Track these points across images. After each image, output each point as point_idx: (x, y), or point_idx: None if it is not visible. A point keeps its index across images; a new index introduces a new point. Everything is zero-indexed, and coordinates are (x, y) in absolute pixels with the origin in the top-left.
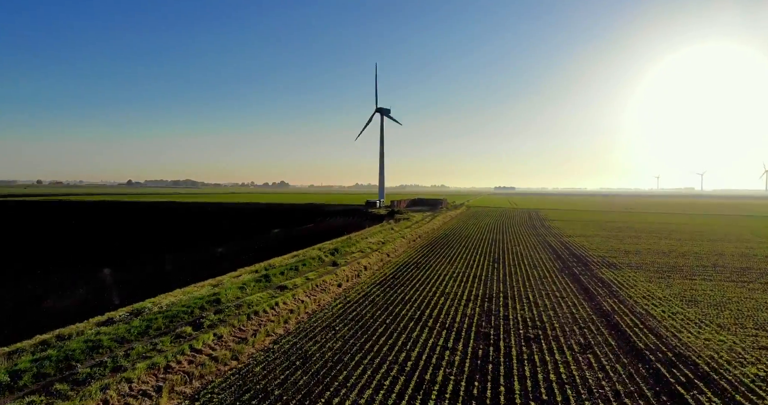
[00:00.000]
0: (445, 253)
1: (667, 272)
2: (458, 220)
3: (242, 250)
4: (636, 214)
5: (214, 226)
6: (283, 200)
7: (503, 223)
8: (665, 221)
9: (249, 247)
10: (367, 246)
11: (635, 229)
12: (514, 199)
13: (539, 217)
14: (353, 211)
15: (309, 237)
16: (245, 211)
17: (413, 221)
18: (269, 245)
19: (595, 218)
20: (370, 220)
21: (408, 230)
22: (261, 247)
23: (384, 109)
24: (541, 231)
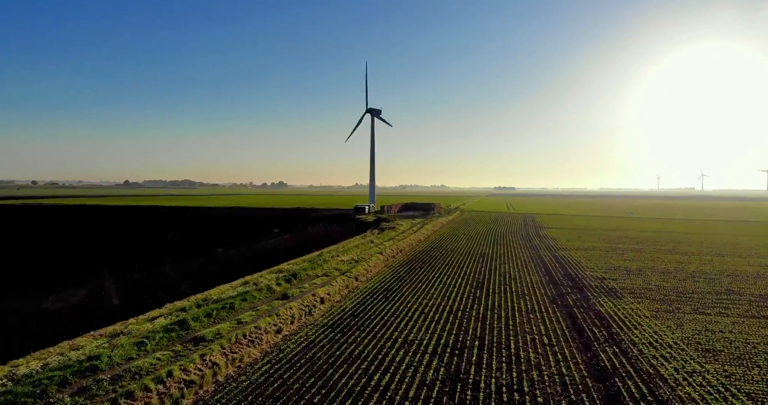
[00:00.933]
0: (424, 275)
1: (676, 302)
2: (449, 228)
3: (188, 274)
4: (637, 219)
5: (173, 236)
6: (273, 204)
7: (496, 233)
8: (668, 229)
9: (198, 269)
10: (335, 266)
11: (636, 240)
12: (513, 201)
13: (535, 225)
14: (340, 217)
15: (276, 253)
16: (219, 217)
17: (399, 231)
18: (225, 264)
19: (594, 225)
20: (355, 228)
21: (390, 243)
22: (212, 270)
23: (375, 110)
24: (535, 242)
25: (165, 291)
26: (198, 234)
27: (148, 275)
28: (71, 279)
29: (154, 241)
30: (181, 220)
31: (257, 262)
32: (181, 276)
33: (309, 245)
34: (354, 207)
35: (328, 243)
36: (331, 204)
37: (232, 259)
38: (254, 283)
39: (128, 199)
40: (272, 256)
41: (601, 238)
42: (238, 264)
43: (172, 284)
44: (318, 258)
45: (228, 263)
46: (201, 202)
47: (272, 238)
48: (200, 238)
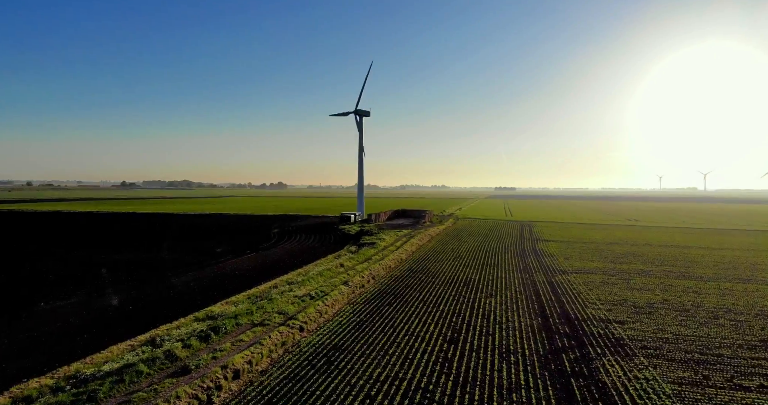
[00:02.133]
0: (389, 318)
1: (703, 364)
2: (437, 241)
3: (79, 326)
4: (641, 228)
5: (118, 257)
6: (257, 210)
7: (488, 249)
8: (676, 241)
9: (103, 312)
10: (282, 308)
11: (643, 258)
12: (512, 204)
13: (532, 237)
14: (322, 227)
15: (227, 281)
16: (189, 227)
17: (379, 247)
18: (152, 304)
19: (595, 237)
20: (334, 242)
21: (364, 266)
22: (124, 312)
23: (362, 112)
24: (530, 261)
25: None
26: (152, 251)
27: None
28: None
29: (96, 260)
30: (143, 229)
31: (200, 294)
32: (68, 327)
33: (272, 268)
34: (339, 215)
35: (295, 265)
36: (322, 209)
37: (166, 294)
38: (158, 342)
39: (111, 203)
40: (219, 287)
41: (603, 255)
42: (172, 300)
43: (49, 341)
44: (267, 293)
45: (159, 300)
46: (182, 206)
47: (233, 258)
48: (151, 260)
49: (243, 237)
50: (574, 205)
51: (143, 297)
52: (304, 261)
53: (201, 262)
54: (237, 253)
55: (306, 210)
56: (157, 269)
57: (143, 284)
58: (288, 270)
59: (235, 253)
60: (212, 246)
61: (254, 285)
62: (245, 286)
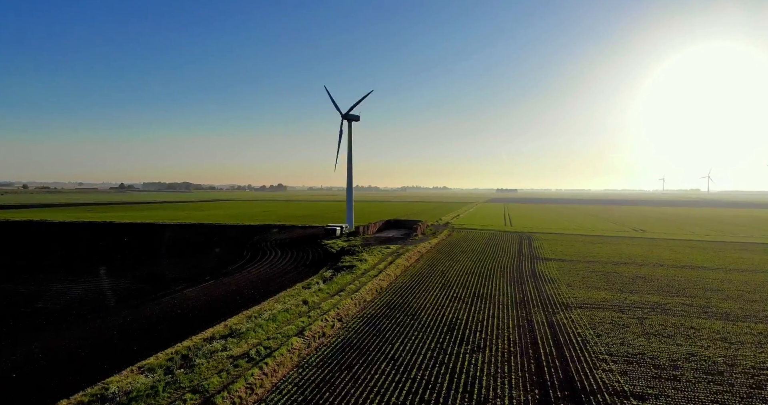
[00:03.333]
0: (340, 394)
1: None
2: (426, 261)
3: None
4: (649, 242)
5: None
6: (240, 219)
7: (482, 271)
8: (690, 260)
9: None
10: (201, 381)
11: (656, 284)
12: (512, 209)
13: (532, 254)
14: (304, 241)
15: (152, 327)
16: (156, 241)
17: (359, 271)
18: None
19: (600, 254)
20: (310, 264)
21: (332, 302)
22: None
23: (352, 116)
24: (528, 290)
25: None
26: (95, 277)
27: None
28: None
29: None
30: (105, 245)
31: (107, 355)
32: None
33: (223, 305)
34: (324, 228)
35: (253, 299)
36: (313, 217)
37: (62, 356)
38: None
39: (96, 209)
40: (143, 339)
41: (611, 280)
42: (61, 365)
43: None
44: (195, 351)
45: (37, 370)
46: (168, 214)
47: (187, 286)
48: (86, 292)
49: (214, 255)
50: (576, 211)
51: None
52: (265, 293)
53: (146, 294)
54: (194, 280)
55: (296, 218)
56: (80, 308)
57: (37, 334)
58: (241, 308)
59: (192, 280)
60: (170, 270)
61: (188, 334)
62: (175, 338)
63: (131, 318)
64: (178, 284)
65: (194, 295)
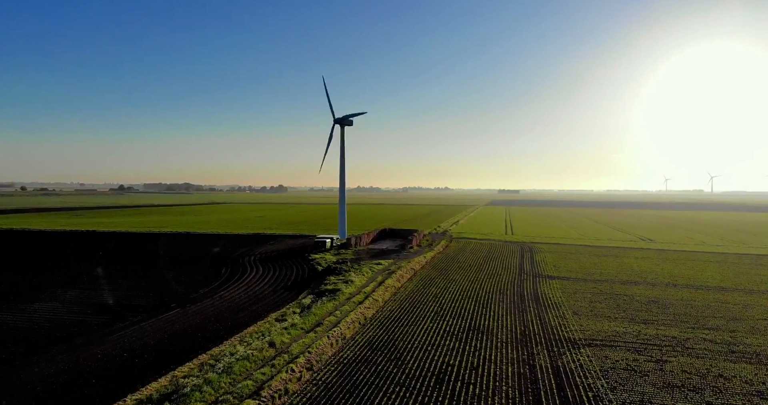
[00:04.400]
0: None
1: None
2: (419, 280)
3: None
4: (658, 255)
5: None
6: (232, 226)
7: (479, 294)
8: (707, 279)
9: None
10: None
11: (671, 310)
12: (514, 213)
13: (534, 271)
14: (290, 255)
15: (60, 386)
16: (132, 255)
17: (342, 298)
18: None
19: (608, 270)
20: (291, 285)
21: (306, 341)
22: None
23: (344, 119)
24: (530, 320)
25: None
26: (41, 303)
27: None
28: None
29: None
30: (73, 260)
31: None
32: None
33: (180, 345)
34: (314, 239)
35: (214, 337)
36: (306, 223)
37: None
38: None
39: (81, 215)
40: (71, 386)
41: (621, 305)
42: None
43: None
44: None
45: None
46: (158, 219)
47: (145, 318)
48: (28, 325)
49: (188, 273)
50: (579, 216)
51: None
52: (232, 327)
53: (97, 328)
54: (157, 309)
55: (290, 225)
56: (9, 350)
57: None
58: (198, 350)
59: (155, 308)
60: (136, 293)
61: (120, 395)
62: (99, 403)
63: (61, 368)
64: (138, 314)
65: (150, 331)
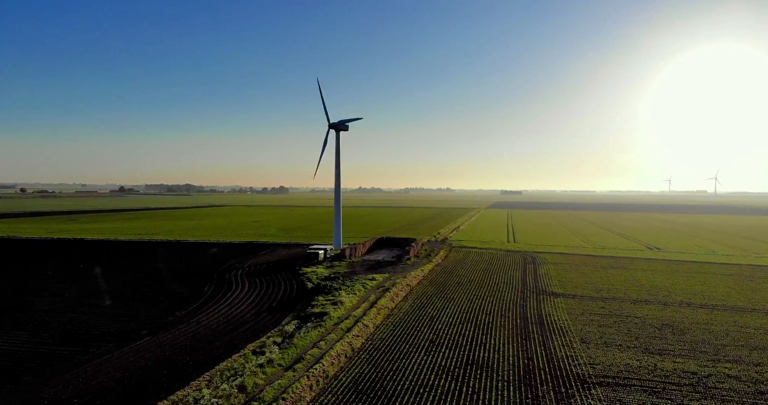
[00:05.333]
0: None
1: None
2: (414, 300)
3: None
4: (667, 267)
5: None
6: (226, 232)
7: (479, 318)
8: (723, 297)
9: None
10: None
11: (688, 337)
12: (516, 217)
13: (538, 287)
14: (280, 268)
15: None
16: (118, 268)
17: (329, 323)
18: None
19: (616, 286)
20: (278, 305)
21: (282, 382)
22: None
23: (339, 124)
24: (534, 350)
25: None
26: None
27: None
28: None
29: None
30: (46, 275)
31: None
32: None
33: (139, 388)
34: (307, 249)
35: (181, 376)
36: (303, 229)
37: None
38: None
39: (70, 220)
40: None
41: (632, 330)
42: None
43: None
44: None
45: None
46: (150, 224)
47: (109, 350)
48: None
49: (170, 291)
50: (582, 220)
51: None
52: (203, 362)
53: (55, 361)
54: (126, 336)
55: (286, 231)
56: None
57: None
58: (159, 393)
59: (125, 334)
60: (107, 316)
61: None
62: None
63: None
64: (105, 342)
65: (112, 367)
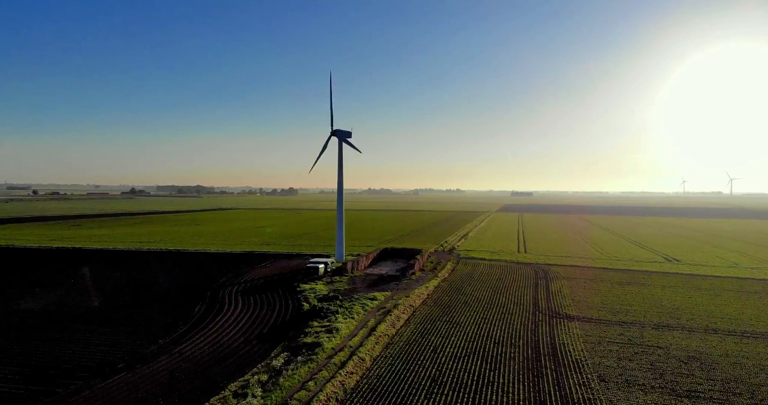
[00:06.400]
0: None
1: None
2: (416, 325)
3: None
4: (689, 283)
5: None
6: (228, 239)
7: (487, 343)
8: (749, 321)
9: None
10: None
11: (718, 373)
12: (527, 223)
13: (551, 308)
14: (278, 285)
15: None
16: (108, 285)
17: (321, 358)
18: None
19: (636, 308)
20: (269, 330)
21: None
22: None
23: (342, 132)
24: (547, 391)
25: None
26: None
27: None
28: None
29: None
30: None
31: None
32: None
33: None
34: (307, 263)
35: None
36: (307, 237)
37: None
38: None
39: (84, 226)
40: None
41: (657, 365)
42: None
43: None
44: None
45: None
46: (154, 230)
47: (74, 392)
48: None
49: (158, 311)
50: (596, 226)
51: None
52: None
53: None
54: (100, 370)
55: (289, 238)
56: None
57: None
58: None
59: (98, 369)
60: (83, 344)
61: None
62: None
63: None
64: (74, 379)
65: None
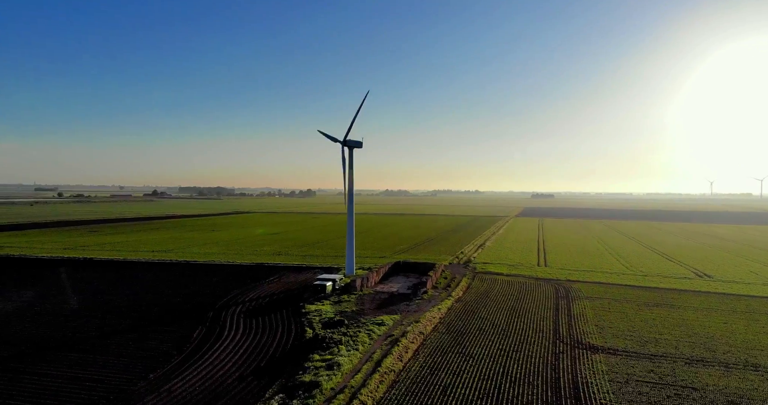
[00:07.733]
0: None
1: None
2: (425, 358)
3: None
4: (723, 304)
5: None
6: (242, 248)
7: (503, 383)
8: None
9: None
10: None
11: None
12: (548, 228)
13: (572, 339)
14: (282, 304)
15: None
16: (102, 303)
17: (319, 401)
18: None
19: (665, 334)
20: (269, 361)
21: None
22: None
23: (352, 142)
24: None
25: None
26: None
27: None
28: None
29: None
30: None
31: None
32: None
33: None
34: (314, 280)
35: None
36: (323, 241)
37: None
38: None
39: (102, 231)
40: None
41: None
42: None
43: None
44: None
45: None
46: (159, 240)
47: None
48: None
49: (153, 337)
50: (620, 234)
51: None
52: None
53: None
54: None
55: (302, 247)
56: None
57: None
58: None
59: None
60: (66, 379)
61: None
62: None
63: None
64: None
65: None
